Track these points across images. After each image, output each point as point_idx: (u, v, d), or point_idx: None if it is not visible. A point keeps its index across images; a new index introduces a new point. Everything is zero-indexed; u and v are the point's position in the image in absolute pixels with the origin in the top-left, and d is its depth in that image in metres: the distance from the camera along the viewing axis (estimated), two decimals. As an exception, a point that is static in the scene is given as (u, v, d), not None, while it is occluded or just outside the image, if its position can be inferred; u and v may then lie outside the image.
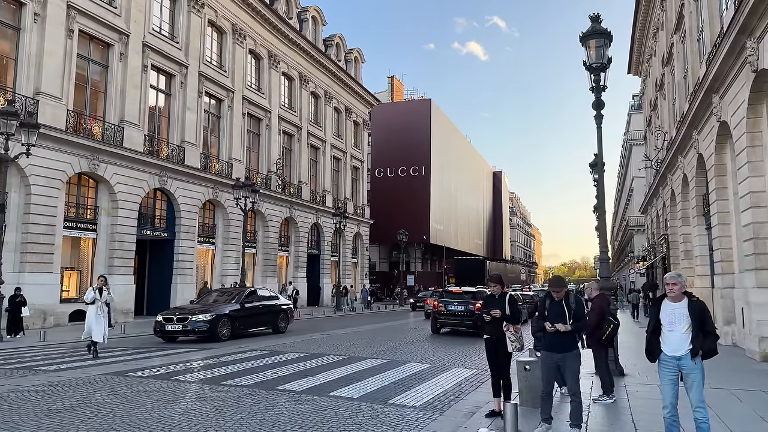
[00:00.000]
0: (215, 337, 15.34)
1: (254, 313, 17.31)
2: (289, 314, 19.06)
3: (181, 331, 15.25)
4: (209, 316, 15.40)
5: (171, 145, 25.98)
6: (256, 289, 19.57)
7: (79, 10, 21.11)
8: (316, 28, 40.39)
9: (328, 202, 40.61)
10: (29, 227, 19.09)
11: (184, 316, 15.38)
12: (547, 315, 6.07)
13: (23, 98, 18.90)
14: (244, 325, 16.80)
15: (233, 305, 16.56)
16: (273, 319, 18.31)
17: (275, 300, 19.15)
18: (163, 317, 15.66)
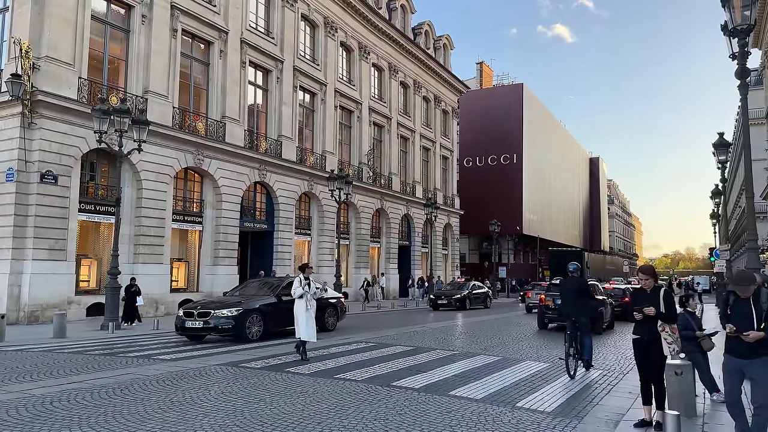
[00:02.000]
0: (243, 336, 12.86)
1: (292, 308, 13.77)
2: (339, 309, 16.29)
3: (202, 329, 12.81)
4: (235, 311, 12.83)
5: (269, 139, 26.52)
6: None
7: (182, 10, 21.87)
8: (405, 17, 39.85)
9: (418, 192, 40.13)
10: (141, 220, 20.08)
11: (206, 311, 12.93)
12: (730, 315, 5.11)
13: (133, 97, 19.84)
14: (278, 322, 13.60)
15: (267, 298, 13.92)
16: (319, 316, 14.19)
17: (323, 292, 16.23)
18: (185, 311, 13.28)
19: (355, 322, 19.38)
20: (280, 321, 13.54)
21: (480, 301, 28.63)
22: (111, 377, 8.43)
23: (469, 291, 28.01)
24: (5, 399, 6.95)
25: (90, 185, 19.34)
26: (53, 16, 17.63)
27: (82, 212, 18.67)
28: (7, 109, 17.21)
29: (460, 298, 26.74)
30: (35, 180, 17.00)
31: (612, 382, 8.98)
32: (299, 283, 10.36)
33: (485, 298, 29.33)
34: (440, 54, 45.01)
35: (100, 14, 19.59)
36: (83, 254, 19.13)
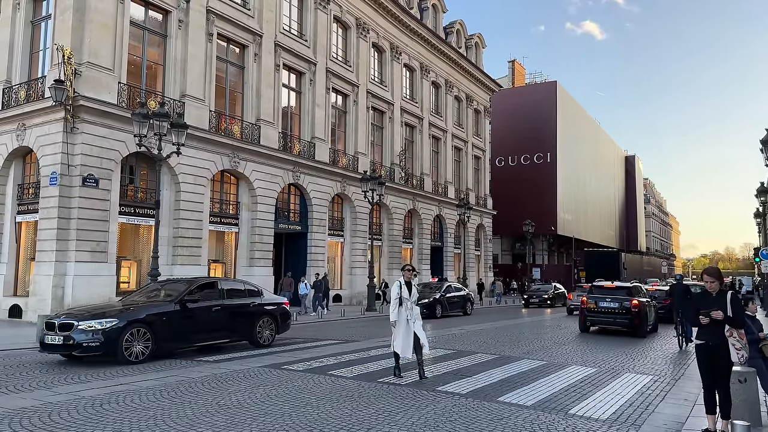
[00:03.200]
0: (118, 356, 9.73)
1: (204, 318, 11.18)
2: (278, 319, 12.87)
3: (62, 345, 9.62)
4: (107, 323, 9.71)
5: (302, 141, 26.63)
6: (216, 280, 13.47)
7: (217, 14, 22.10)
8: (437, 16, 39.60)
9: (450, 193, 39.80)
10: (180, 222, 20.34)
11: (69, 323, 9.77)
12: None
13: (171, 101, 20.12)
14: (178, 338, 10.78)
15: (163, 306, 10.75)
16: (246, 326, 12.16)
17: (255, 297, 12.71)
18: (46, 323, 10.18)
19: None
20: (179, 336, 10.72)
21: (457, 306, 24.03)
22: (156, 379, 8.47)
23: (442, 294, 22.91)
24: (56, 401, 7.04)
25: (130, 188, 19.70)
26: (94, 22, 18.00)
27: (122, 215, 19.02)
28: (51, 115, 17.63)
29: (427, 304, 21.26)
30: (77, 183, 17.38)
31: (665, 389, 8.65)
32: (398, 287, 8.75)
33: (464, 303, 24.65)
34: (472, 53, 44.59)
35: (138, 20, 19.93)
36: (123, 256, 19.48)
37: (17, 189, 19.57)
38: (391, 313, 8.72)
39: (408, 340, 8.60)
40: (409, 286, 8.79)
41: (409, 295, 8.70)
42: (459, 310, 24.15)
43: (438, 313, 22.15)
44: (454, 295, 23.99)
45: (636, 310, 15.72)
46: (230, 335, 11.99)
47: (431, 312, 21.54)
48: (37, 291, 17.45)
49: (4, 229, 19.44)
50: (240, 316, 12.00)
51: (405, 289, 8.71)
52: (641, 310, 15.83)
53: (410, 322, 8.61)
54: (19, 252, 19.54)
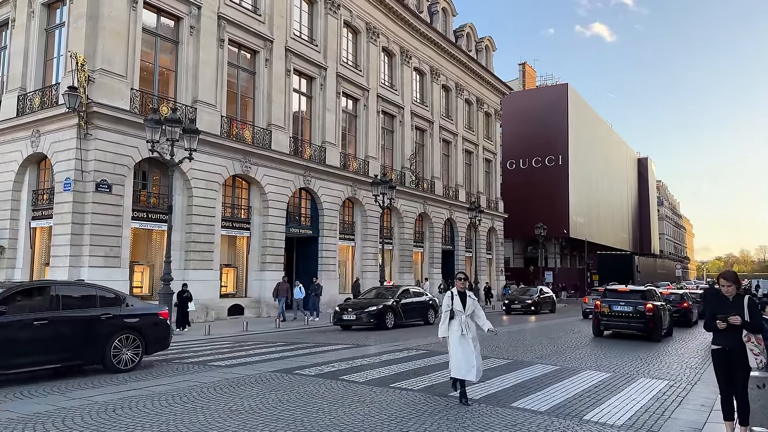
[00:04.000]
0: None
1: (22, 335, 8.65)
2: (145, 336, 10.11)
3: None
4: None
5: (313, 145, 26.70)
6: (50, 284, 9.75)
7: (228, 20, 22.24)
8: (447, 20, 39.59)
9: (461, 196, 39.69)
10: (192, 227, 20.45)
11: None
12: None
13: (183, 107, 20.27)
14: None
15: None
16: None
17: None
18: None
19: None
20: None
21: (416, 313, 20.19)
22: (169, 384, 8.50)
23: (397, 300, 19.19)
24: (70, 406, 7.07)
25: (142, 193, 19.85)
26: (107, 30, 18.19)
27: (135, 220, 19.16)
28: (65, 121, 17.83)
29: (375, 313, 18.15)
30: (91, 189, 17.53)
31: (681, 394, 8.52)
32: (449, 297, 7.66)
33: (425, 311, 20.63)
34: (482, 56, 44.52)
35: (151, 27, 20.11)
36: (136, 261, 19.63)
37: (32, 195, 19.80)
38: (441, 327, 7.73)
39: (465, 357, 7.36)
40: (463, 297, 7.63)
41: (463, 308, 7.54)
42: (419, 319, 20.28)
43: (388, 323, 18.45)
44: (412, 302, 20.18)
45: (651, 314, 15.53)
46: (68, 357, 9.18)
47: (379, 322, 18.18)
48: (52, 296, 17.59)
49: (19, 234, 19.66)
50: (85, 331, 9.28)
51: (458, 300, 7.60)
52: (656, 314, 15.64)
53: (466, 337, 7.44)
54: (34, 257, 19.74)
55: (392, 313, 18.76)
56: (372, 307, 18.34)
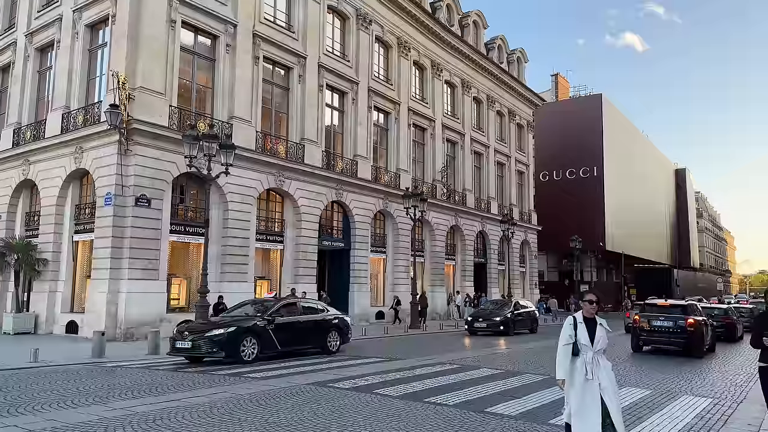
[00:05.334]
0: None
1: None
2: None
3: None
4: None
5: (345, 159, 26.94)
6: None
7: (263, 38, 22.73)
8: (478, 33, 39.62)
9: (493, 208, 39.37)
10: (228, 240, 20.81)
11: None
12: None
13: (220, 123, 20.72)
14: None
15: None
16: None
17: None
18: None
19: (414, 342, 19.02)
20: None
21: (311, 334, 14.58)
22: (206, 395, 8.62)
23: (274, 312, 13.60)
24: (111, 416, 7.24)
25: (180, 208, 20.32)
26: (146, 49, 18.80)
27: (172, 233, 19.61)
28: (106, 138, 18.43)
29: (222, 337, 12.39)
30: (131, 203, 18.04)
31: (725, 413, 8.22)
32: (571, 326, 5.47)
33: (325, 335, 14.85)
34: (514, 68, 44.32)
35: (188, 46, 20.70)
36: (173, 273, 20.03)
37: (74, 209, 20.47)
38: (558, 366, 5.48)
39: (589, 415, 5.20)
40: (591, 326, 5.44)
41: (590, 342, 5.35)
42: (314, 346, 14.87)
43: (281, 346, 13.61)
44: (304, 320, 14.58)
45: (692, 329, 15.05)
46: None
47: (230, 354, 12.41)
48: (93, 308, 18.13)
49: (62, 248, 20.32)
50: None
51: (583, 330, 5.41)
52: (697, 330, 15.15)
53: (592, 383, 5.24)
54: (76, 270, 20.36)
55: (267, 330, 13.63)
56: (230, 329, 12.79)
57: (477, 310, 25.33)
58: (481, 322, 22.51)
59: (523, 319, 23.91)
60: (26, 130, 22.04)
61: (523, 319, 23.92)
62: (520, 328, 23.40)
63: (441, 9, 35.27)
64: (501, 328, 22.02)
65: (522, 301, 25.82)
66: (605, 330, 5.50)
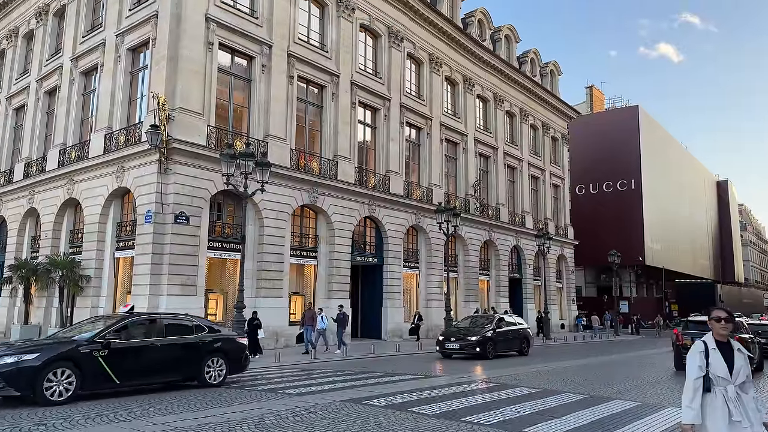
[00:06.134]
0: None
1: None
2: None
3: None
4: None
5: (377, 174, 27.08)
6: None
7: (298, 58, 23.17)
8: (510, 47, 39.53)
9: (528, 223, 38.86)
10: (263, 256, 21.09)
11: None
12: None
13: (255, 141, 21.12)
14: None
15: None
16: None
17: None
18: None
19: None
20: None
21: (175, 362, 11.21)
22: (243, 411, 8.69)
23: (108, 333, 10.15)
24: (151, 431, 7.36)
25: (217, 224, 20.73)
26: (185, 71, 19.38)
27: (210, 249, 19.99)
28: (147, 157, 18.99)
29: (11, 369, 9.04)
30: (170, 221, 18.48)
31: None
32: (701, 353, 4.37)
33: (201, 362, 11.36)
34: (547, 81, 43.97)
35: (226, 66, 21.25)
36: (210, 289, 20.39)
37: (116, 227, 21.09)
38: (686, 407, 4.28)
39: None
40: (726, 351, 4.34)
41: (729, 373, 4.25)
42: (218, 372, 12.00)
43: None
44: None
45: (739, 347, 14.42)
46: None
47: None
48: (133, 322, 18.52)
49: (104, 264, 20.92)
50: None
51: (719, 358, 4.30)
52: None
53: (739, 425, 4.12)
54: (117, 286, 20.91)
55: None
56: None
57: (449, 329, 21.40)
58: (453, 342, 18.68)
59: (509, 339, 20.23)
60: (71, 150, 22.90)
61: (508, 338, 20.19)
62: (505, 349, 19.80)
63: (472, 24, 35.35)
64: (477, 350, 18.34)
65: (509, 317, 22.23)
66: (744, 356, 4.34)
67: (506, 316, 22.14)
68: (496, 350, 19.09)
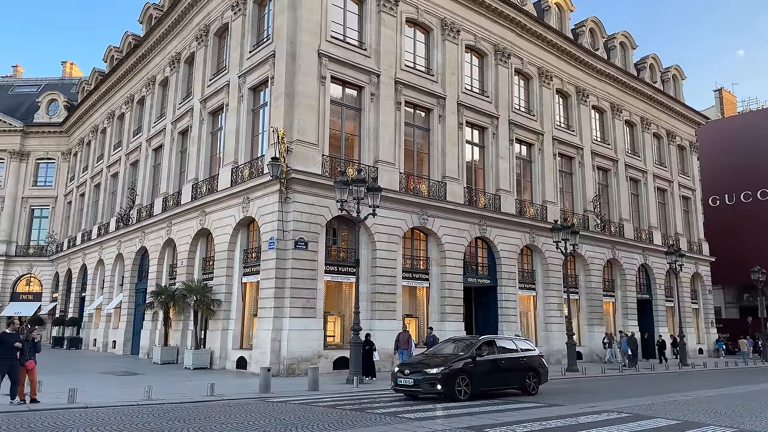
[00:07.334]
0: None
1: None
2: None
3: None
4: None
5: (487, 194, 26.63)
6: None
7: (404, 84, 23.64)
8: (626, 54, 37.48)
9: (656, 239, 36.06)
10: (376, 279, 21.47)
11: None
12: None
13: (366, 167, 21.72)
14: None
15: None
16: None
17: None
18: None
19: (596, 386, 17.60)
20: None
21: None
22: (363, 434, 8.75)
23: None
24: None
25: (333, 249, 21.49)
26: (301, 105, 20.50)
27: (327, 273, 20.73)
28: (269, 188, 20.22)
29: None
30: (290, 247, 19.46)
31: None
32: None
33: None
34: (669, 86, 41.01)
35: (337, 98, 22.20)
36: (328, 311, 21.05)
37: (243, 254, 22.56)
38: None
39: None
40: None
41: None
42: None
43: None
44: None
45: None
46: None
47: None
48: (259, 344, 19.63)
49: (233, 289, 22.41)
50: None
51: None
52: None
53: None
54: (245, 309, 22.27)
55: None
56: None
57: (411, 358, 16.38)
58: (407, 376, 13.49)
59: (502, 371, 14.45)
60: (202, 184, 24.98)
61: (500, 370, 14.42)
62: (494, 385, 14.44)
63: (583, 34, 34.02)
64: (438, 388, 13.04)
65: (503, 341, 15.89)
66: None
67: (501, 340, 16.10)
68: (477, 387, 13.55)
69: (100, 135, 39.90)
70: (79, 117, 43.69)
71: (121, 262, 32.51)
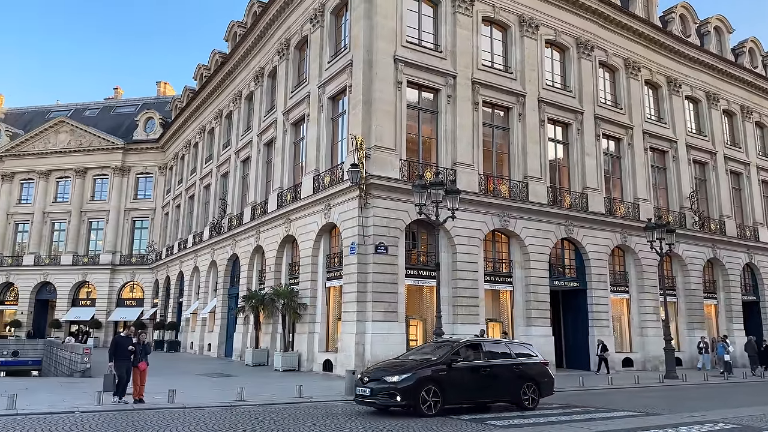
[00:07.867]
0: None
1: None
2: None
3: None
4: None
5: (573, 193, 25.60)
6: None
7: (482, 84, 23.27)
8: (721, 39, 34.82)
9: (763, 236, 33.17)
10: (457, 282, 21.22)
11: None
12: None
13: (444, 170, 21.55)
14: None
15: None
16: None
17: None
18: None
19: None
20: None
21: None
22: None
23: None
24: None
25: (413, 253, 21.49)
26: (378, 111, 20.70)
27: (407, 277, 20.75)
28: (349, 194, 20.57)
29: None
30: (371, 251, 19.67)
31: None
32: None
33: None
34: (773, 70, 37.65)
35: (413, 102, 22.21)
36: (410, 315, 21.06)
37: (326, 259, 23.09)
38: None
39: None
40: None
41: None
42: None
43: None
44: None
45: None
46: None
47: None
48: (344, 347, 19.98)
49: (317, 293, 22.98)
50: None
51: None
52: None
53: None
54: (329, 313, 22.77)
55: None
56: None
57: (377, 363, 14.36)
58: (365, 385, 11.61)
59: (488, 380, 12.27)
60: (287, 193, 25.85)
61: (486, 378, 12.23)
62: (478, 396, 12.37)
63: (673, 21, 31.99)
64: (398, 400, 11.13)
65: (492, 344, 13.69)
66: None
67: (489, 343, 13.76)
68: (453, 399, 11.65)
69: (193, 149, 42.41)
70: (173, 133, 46.74)
71: (215, 268, 34.29)
